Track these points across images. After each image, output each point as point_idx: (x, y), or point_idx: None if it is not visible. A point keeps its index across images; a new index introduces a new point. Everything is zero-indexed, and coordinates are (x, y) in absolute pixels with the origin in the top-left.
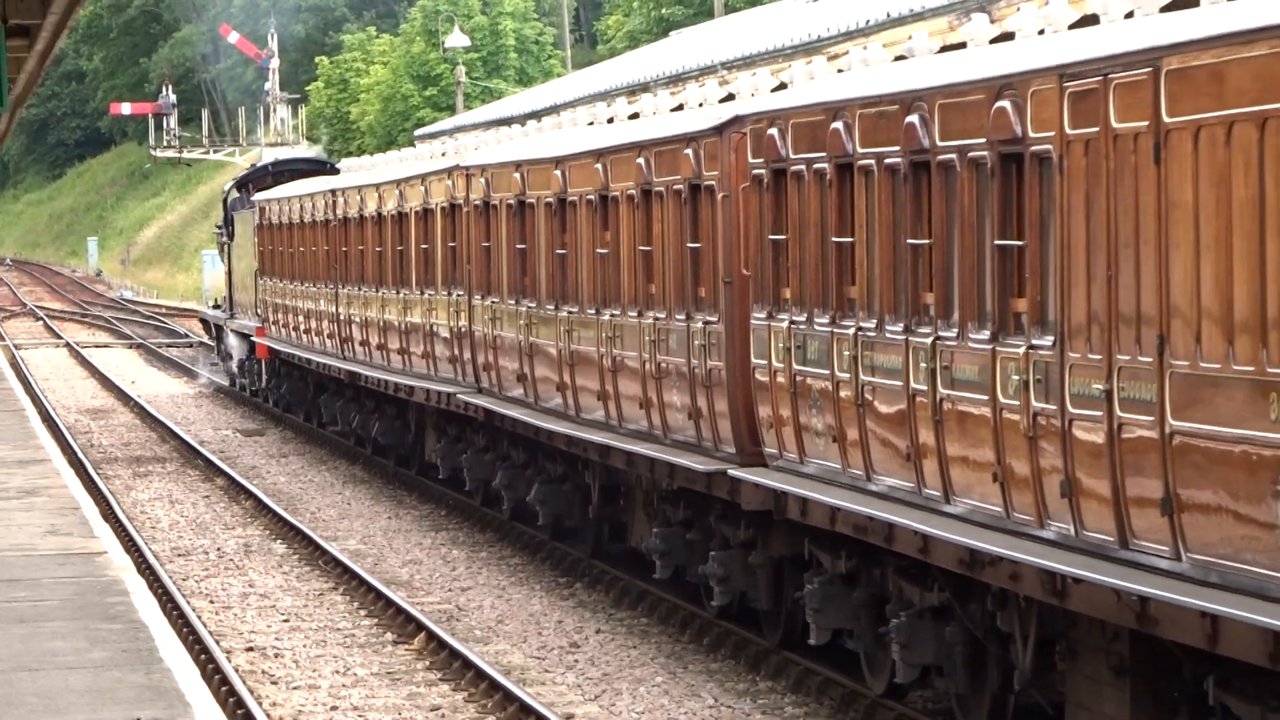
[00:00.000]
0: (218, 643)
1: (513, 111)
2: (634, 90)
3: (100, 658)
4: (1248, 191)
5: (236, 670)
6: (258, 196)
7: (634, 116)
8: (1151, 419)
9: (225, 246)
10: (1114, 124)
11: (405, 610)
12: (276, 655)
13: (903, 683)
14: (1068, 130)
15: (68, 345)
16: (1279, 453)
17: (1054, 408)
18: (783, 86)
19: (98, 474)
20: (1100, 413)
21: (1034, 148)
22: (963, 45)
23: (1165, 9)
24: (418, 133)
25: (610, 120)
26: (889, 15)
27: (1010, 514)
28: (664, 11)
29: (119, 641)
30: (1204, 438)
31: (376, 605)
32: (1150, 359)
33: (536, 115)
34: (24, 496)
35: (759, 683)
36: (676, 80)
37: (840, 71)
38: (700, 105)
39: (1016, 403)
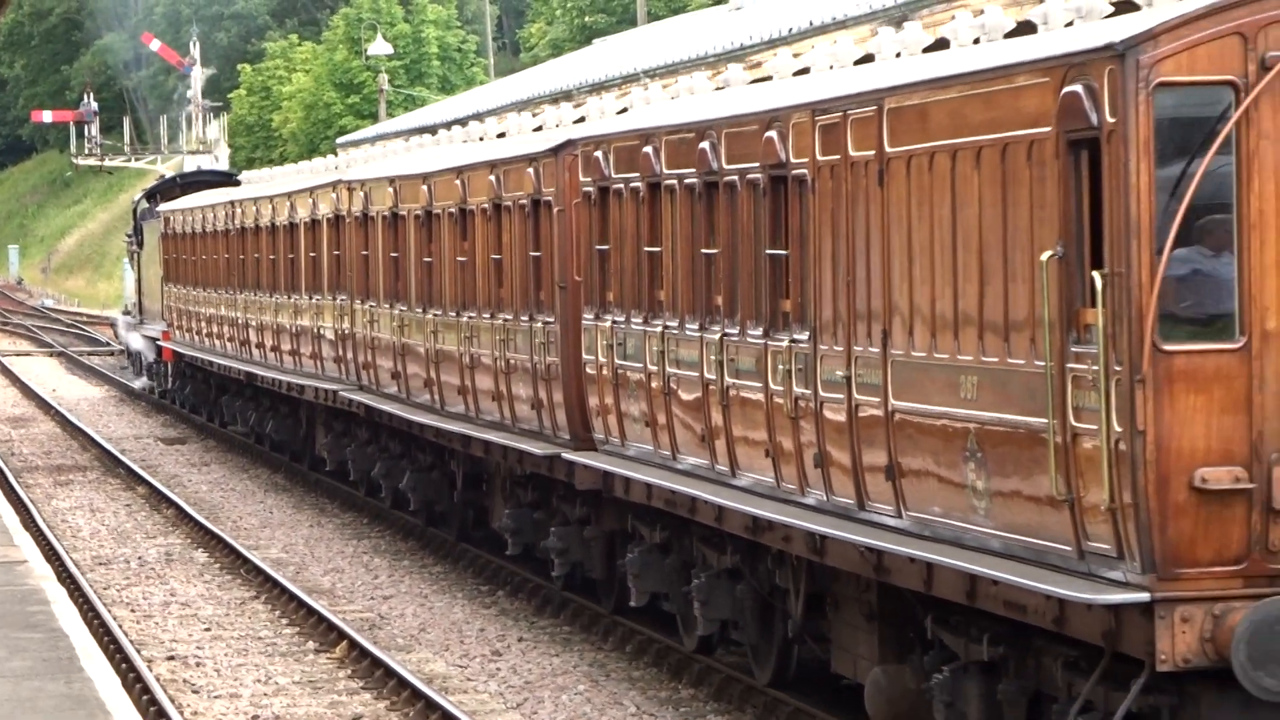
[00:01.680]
0: (139, 651)
1: (435, 119)
2: (556, 98)
3: (20, 667)
4: (945, 211)
5: (158, 679)
6: (163, 207)
7: (538, 129)
8: (878, 400)
9: (135, 255)
10: (851, 152)
11: (327, 619)
12: (198, 664)
13: (704, 635)
14: (819, 157)
15: None
16: (968, 425)
17: (810, 392)
18: (624, 110)
19: (18, 482)
20: (842, 395)
21: (794, 171)
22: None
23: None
24: (340, 140)
25: (502, 134)
26: (811, 24)
27: (780, 484)
28: (587, 20)
29: (39, 650)
30: (915, 414)
31: (298, 614)
32: (877, 349)
33: (460, 122)
34: None
35: (680, 690)
36: (599, 88)
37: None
38: (557, 125)
39: (782, 389)
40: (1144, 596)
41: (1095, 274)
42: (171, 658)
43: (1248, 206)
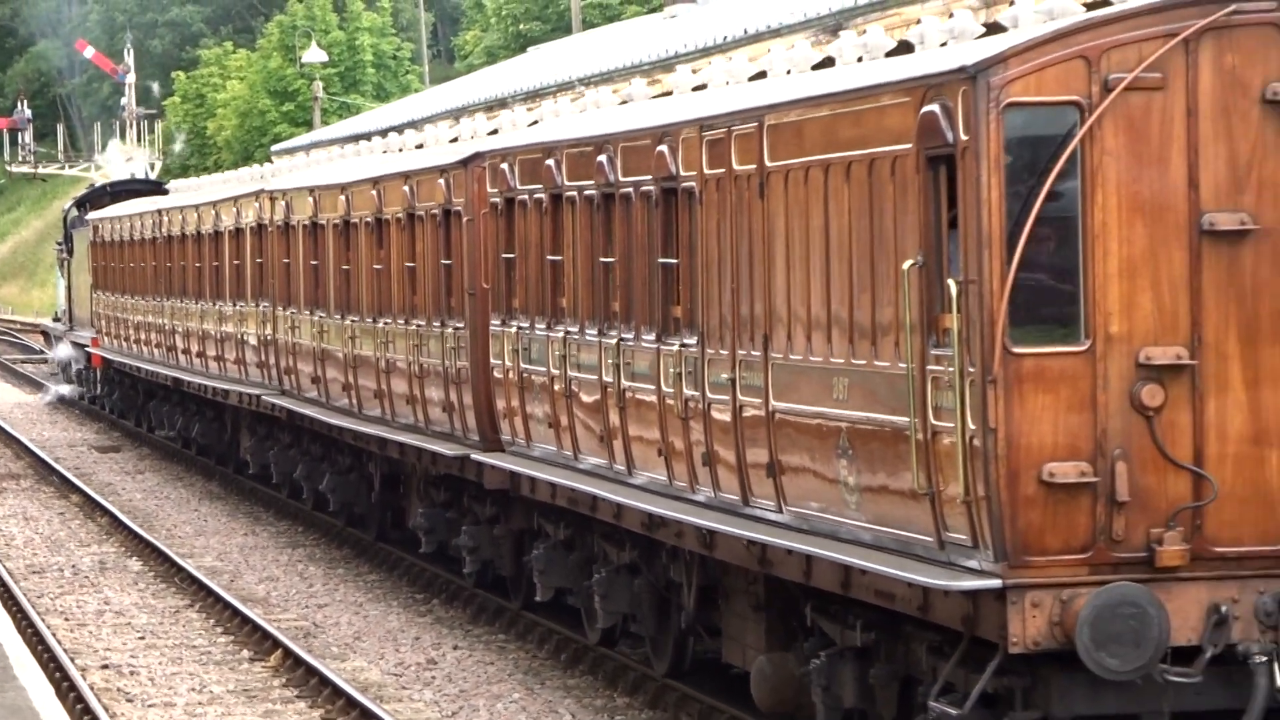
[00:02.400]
0: (73, 660)
1: (370, 127)
2: (491, 106)
3: None
4: (819, 222)
5: (92, 688)
6: (92, 215)
7: (454, 140)
8: (760, 401)
9: (65, 262)
10: (735, 166)
11: (262, 627)
12: (132, 673)
13: (604, 628)
14: (705, 170)
15: None
16: (840, 424)
17: (698, 394)
18: (535, 123)
19: None
20: (728, 397)
21: (684, 184)
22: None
23: (816, 66)
24: (274, 148)
25: (472, 135)
26: (746, 31)
27: (672, 482)
28: (522, 27)
29: None
30: (793, 414)
31: (233, 622)
32: (759, 353)
33: (396, 129)
34: None
35: (616, 699)
36: (534, 96)
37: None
38: (472, 137)
39: (673, 391)
40: (996, 583)
41: (951, 281)
42: (106, 666)
43: (1092, 219)
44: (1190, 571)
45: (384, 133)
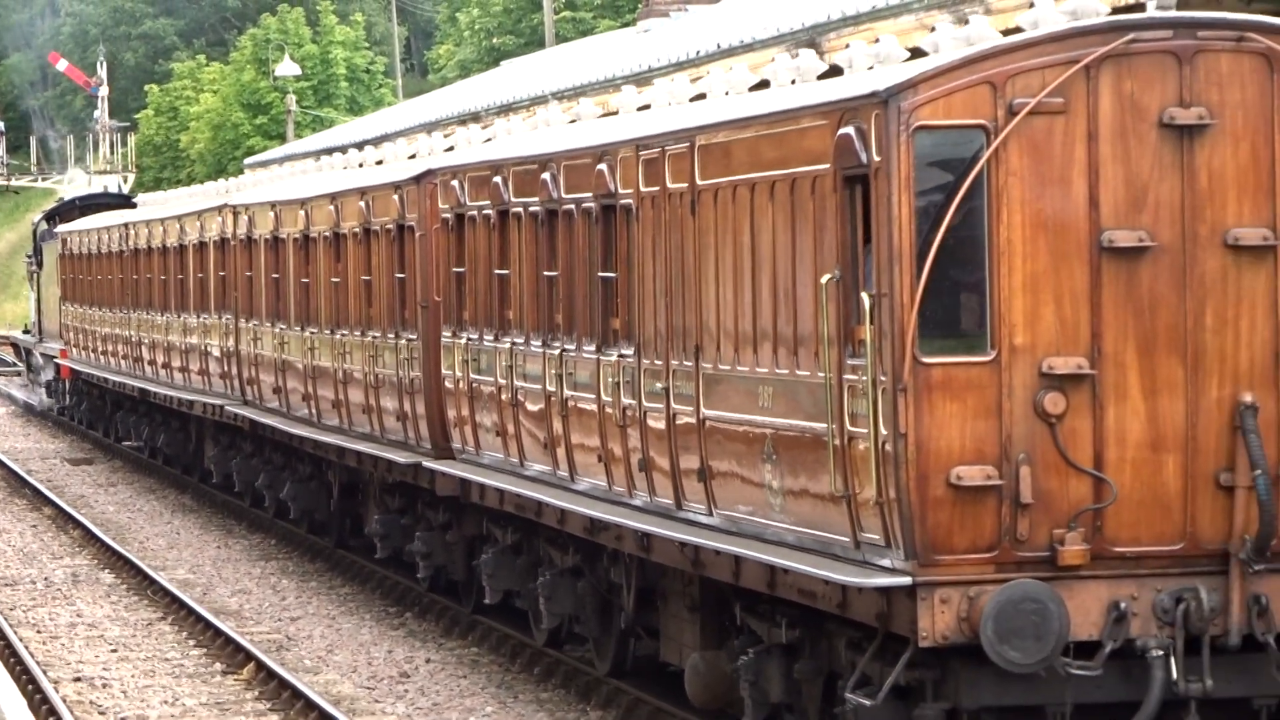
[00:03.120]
0: (45, 673)
1: (343, 140)
2: (464, 119)
3: None
4: (745, 238)
5: (64, 700)
6: (61, 229)
7: (450, 149)
8: (691, 409)
9: (35, 275)
10: (669, 184)
11: (234, 640)
12: (105, 685)
13: (549, 629)
14: (641, 188)
15: None
16: (765, 430)
17: (635, 403)
18: (490, 140)
19: None
20: (662, 405)
21: (622, 201)
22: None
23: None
24: (247, 161)
25: (429, 153)
26: (719, 46)
27: (612, 487)
28: (495, 41)
29: None
30: (722, 422)
31: (205, 635)
32: (690, 363)
33: (373, 142)
34: None
35: (589, 712)
36: (507, 110)
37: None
38: (430, 154)
39: (612, 400)
40: (907, 581)
41: (865, 295)
42: (78, 679)
43: (997, 236)
44: (1090, 570)
45: (358, 146)
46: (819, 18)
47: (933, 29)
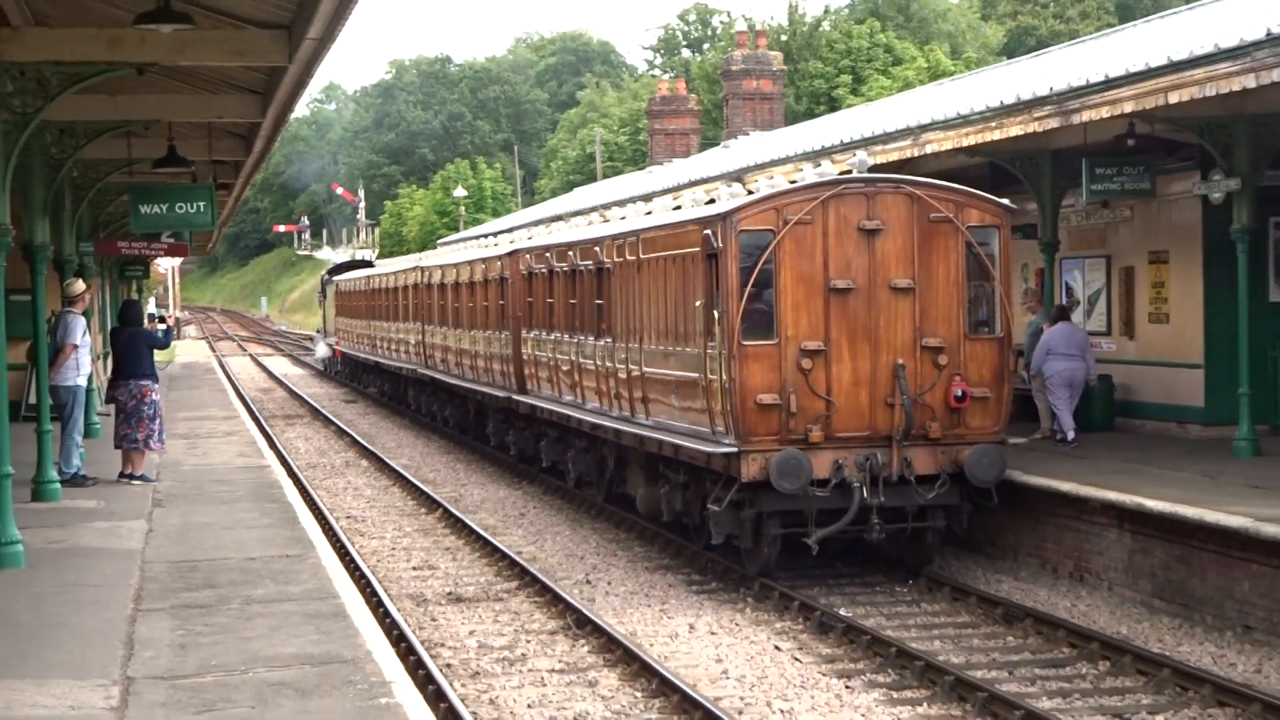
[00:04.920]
0: (329, 514)
1: (482, 232)
2: (542, 222)
3: (267, 522)
4: (661, 284)
5: (342, 530)
6: (336, 278)
7: (529, 239)
8: (638, 368)
9: (322, 301)
10: (628, 256)
11: (431, 496)
12: (361, 520)
13: (574, 478)
14: (614, 259)
15: (249, 355)
16: (671, 378)
17: (612, 365)
18: (549, 233)
19: (266, 424)
20: (624, 366)
21: (606, 265)
22: (713, 200)
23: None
24: (439, 242)
25: (521, 240)
26: (689, 179)
27: (602, 408)
28: (570, 178)
29: (277, 513)
30: (653, 375)
31: (415, 493)
32: (636, 345)
33: (494, 234)
34: (226, 436)
35: (597, 520)
36: (560, 218)
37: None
38: (529, 239)
39: (602, 364)
40: (735, 450)
41: (715, 312)
42: (349, 517)
43: (779, 283)
44: (824, 444)
45: (490, 235)
46: (743, 163)
47: (800, 169)
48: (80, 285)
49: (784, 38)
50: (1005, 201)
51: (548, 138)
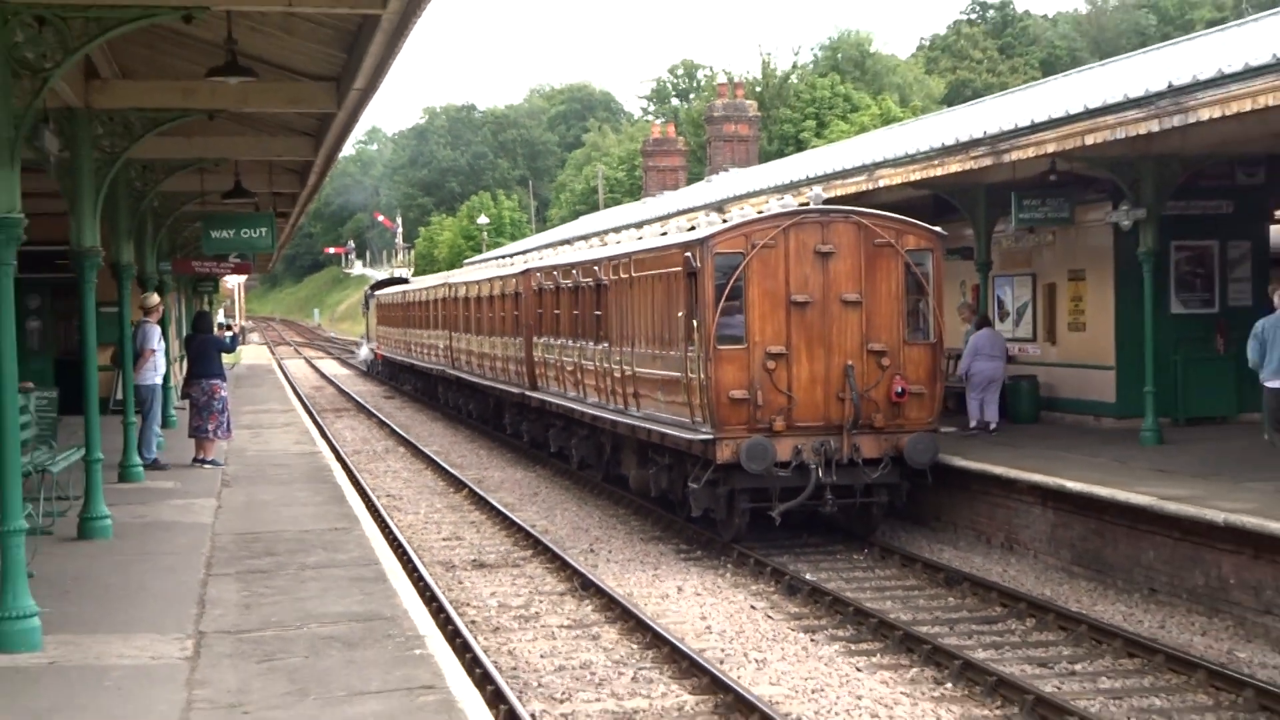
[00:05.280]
0: (371, 493)
1: (501, 254)
2: (551, 245)
3: (319, 500)
4: (650, 298)
5: (383, 507)
6: (378, 292)
7: (541, 260)
8: (630, 368)
9: (365, 312)
10: (621, 275)
11: (458, 478)
12: (399, 498)
13: (576, 461)
14: (611, 277)
15: (304, 358)
16: (658, 376)
17: (609, 365)
18: (557, 254)
19: (318, 416)
20: (619, 366)
21: (604, 282)
22: (694, 228)
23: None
24: (465, 262)
25: (533, 260)
26: (678, 209)
27: (600, 402)
28: (577, 207)
29: (327, 492)
30: (643, 374)
31: (447, 476)
32: (629, 349)
33: (510, 255)
34: (285, 426)
35: (619, 509)
36: (567, 242)
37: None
38: (539, 259)
39: (600, 364)
40: (711, 437)
41: (695, 321)
42: (389, 496)
43: (749, 297)
44: (786, 433)
45: (507, 256)
46: (723, 195)
47: (768, 201)
48: (155, 299)
49: (758, 89)
50: (938, 229)
51: (557, 174)
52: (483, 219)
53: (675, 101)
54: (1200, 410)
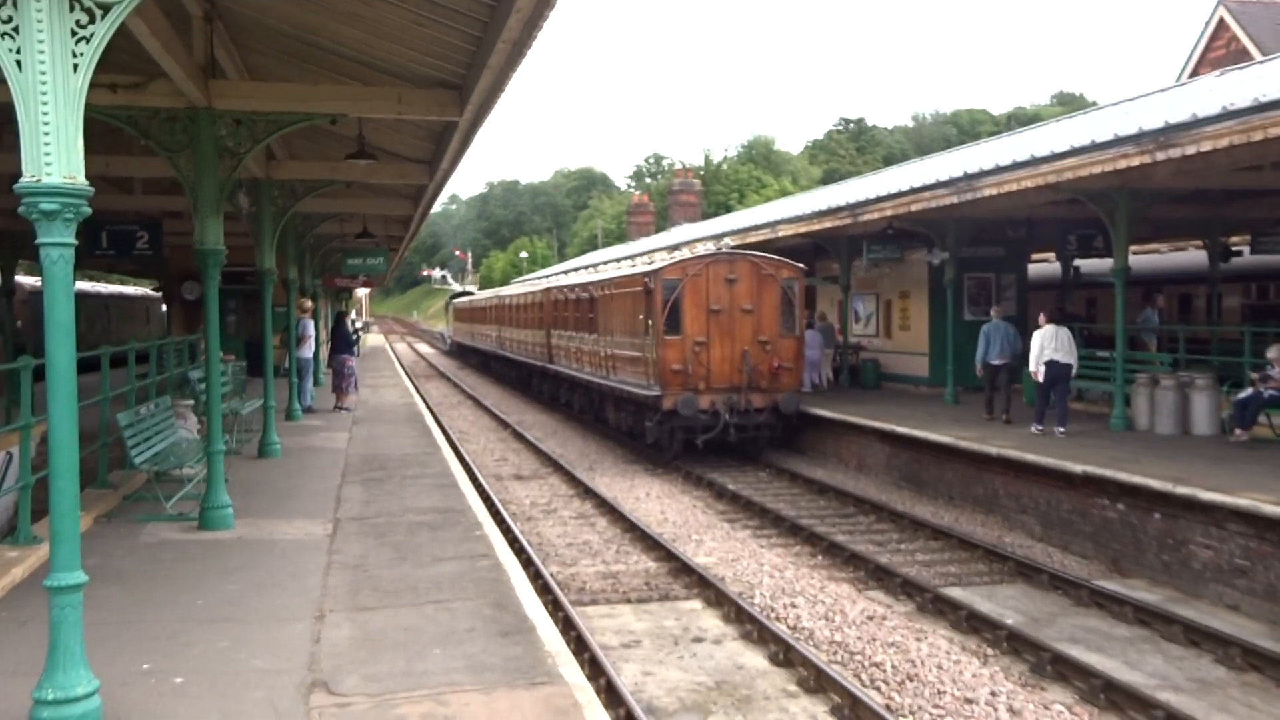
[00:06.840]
0: (450, 430)
1: (538, 275)
2: (564, 273)
3: (414, 434)
4: (625, 308)
5: (456, 439)
6: (454, 300)
7: (557, 279)
8: (611, 350)
9: (447, 315)
10: (607, 292)
11: (504, 420)
12: (466, 434)
13: (578, 410)
14: (600, 293)
15: (406, 343)
16: (627, 354)
17: (598, 350)
18: (568, 277)
19: (414, 380)
20: (604, 349)
21: (595, 296)
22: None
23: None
24: (511, 281)
25: (552, 280)
26: (666, 244)
27: (595, 373)
28: (583, 249)
29: (420, 429)
30: (619, 353)
31: (497, 420)
32: (610, 338)
33: (539, 277)
34: (392, 386)
35: (591, 435)
36: (586, 267)
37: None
38: (559, 278)
39: (595, 349)
40: (659, 393)
41: (649, 321)
42: (460, 432)
43: (684, 306)
44: (706, 391)
45: (539, 278)
46: (676, 241)
47: (704, 245)
48: (308, 303)
49: (701, 172)
50: (802, 265)
51: (572, 225)
52: (523, 254)
53: (649, 180)
54: (980, 382)
